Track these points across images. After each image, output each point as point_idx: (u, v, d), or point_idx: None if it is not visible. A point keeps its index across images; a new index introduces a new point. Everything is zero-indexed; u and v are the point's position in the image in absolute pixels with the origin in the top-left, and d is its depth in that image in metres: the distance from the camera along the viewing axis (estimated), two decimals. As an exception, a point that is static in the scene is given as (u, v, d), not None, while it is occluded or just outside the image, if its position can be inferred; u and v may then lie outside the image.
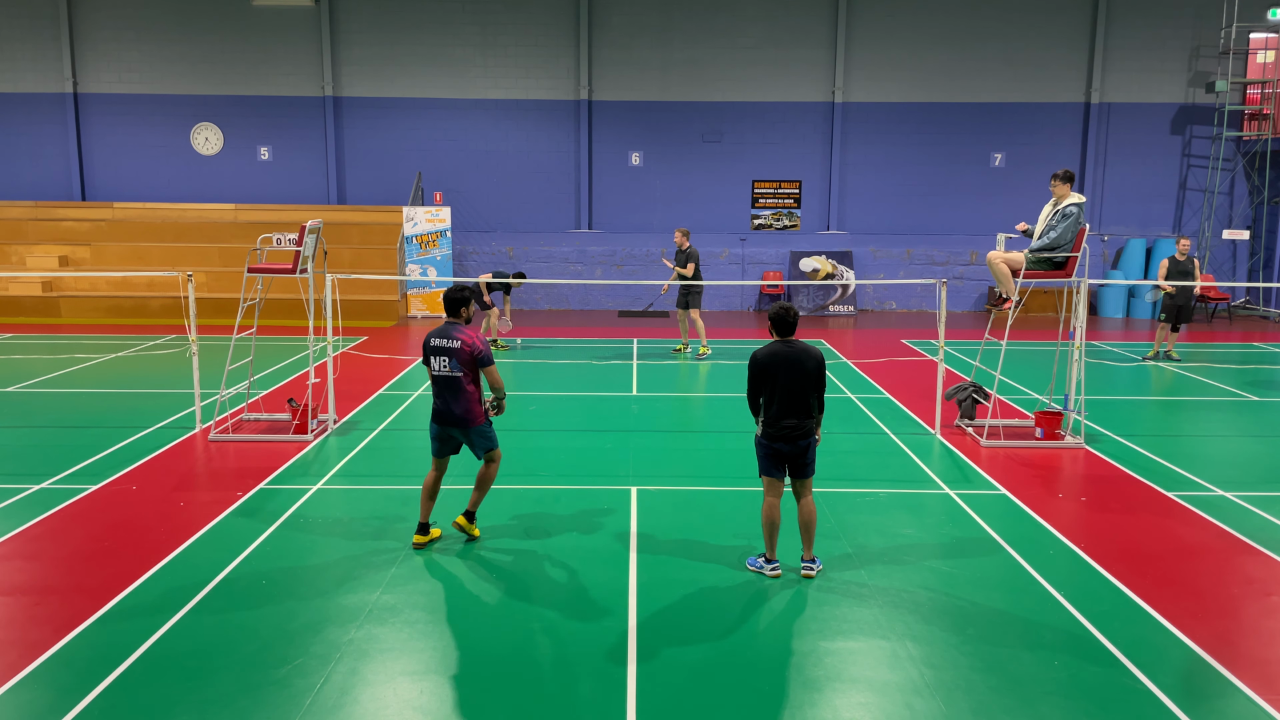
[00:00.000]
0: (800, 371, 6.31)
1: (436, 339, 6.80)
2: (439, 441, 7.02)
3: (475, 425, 6.87)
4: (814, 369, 6.34)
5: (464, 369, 6.74)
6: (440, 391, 6.83)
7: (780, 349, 6.38)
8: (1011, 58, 21.57)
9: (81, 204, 21.55)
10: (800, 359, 6.33)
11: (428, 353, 6.81)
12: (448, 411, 6.85)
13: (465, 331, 6.78)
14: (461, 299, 6.90)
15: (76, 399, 11.90)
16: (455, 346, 6.72)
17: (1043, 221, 9.97)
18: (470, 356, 6.73)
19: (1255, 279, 21.90)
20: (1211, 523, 7.68)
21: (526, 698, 4.99)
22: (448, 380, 6.78)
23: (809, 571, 6.48)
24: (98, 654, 5.36)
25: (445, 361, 6.73)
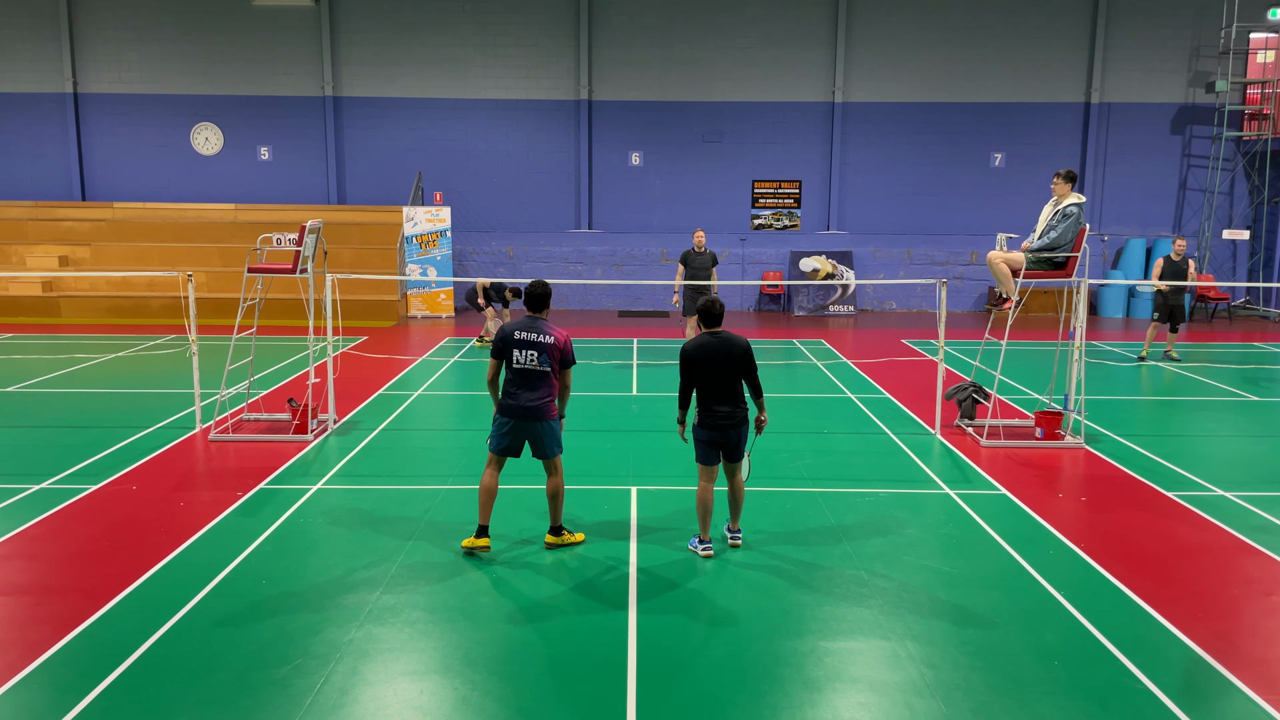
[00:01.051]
0: (727, 359, 6.70)
1: (524, 332, 6.72)
2: (505, 438, 6.83)
3: (550, 419, 6.80)
4: (740, 355, 6.74)
5: (552, 364, 6.72)
6: (520, 385, 6.73)
7: (708, 340, 6.75)
8: (1011, 58, 21.57)
9: (81, 204, 21.55)
10: (727, 348, 6.72)
11: (510, 346, 6.71)
12: (525, 405, 6.73)
13: (555, 329, 6.76)
14: (548, 293, 6.92)
15: (76, 399, 11.90)
16: (549, 342, 6.68)
17: (1043, 221, 9.96)
18: (562, 354, 6.76)
19: (1255, 279, 21.90)
20: (1211, 523, 7.68)
21: (526, 698, 4.99)
22: (533, 374, 6.71)
23: (735, 541, 7.01)
24: (98, 654, 5.36)
25: (534, 355, 6.66)
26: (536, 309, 6.86)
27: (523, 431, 6.79)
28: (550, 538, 7.01)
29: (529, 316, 6.85)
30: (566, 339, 6.78)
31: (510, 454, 6.87)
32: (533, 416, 6.73)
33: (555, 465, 6.90)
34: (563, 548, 6.99)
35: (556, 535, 7.02)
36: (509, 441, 6.83)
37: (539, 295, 6.87)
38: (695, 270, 14.33)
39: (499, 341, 6.75)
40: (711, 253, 14.46)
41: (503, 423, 6.81)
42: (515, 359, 6.69)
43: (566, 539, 7.03)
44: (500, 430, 6.82)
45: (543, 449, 6.86)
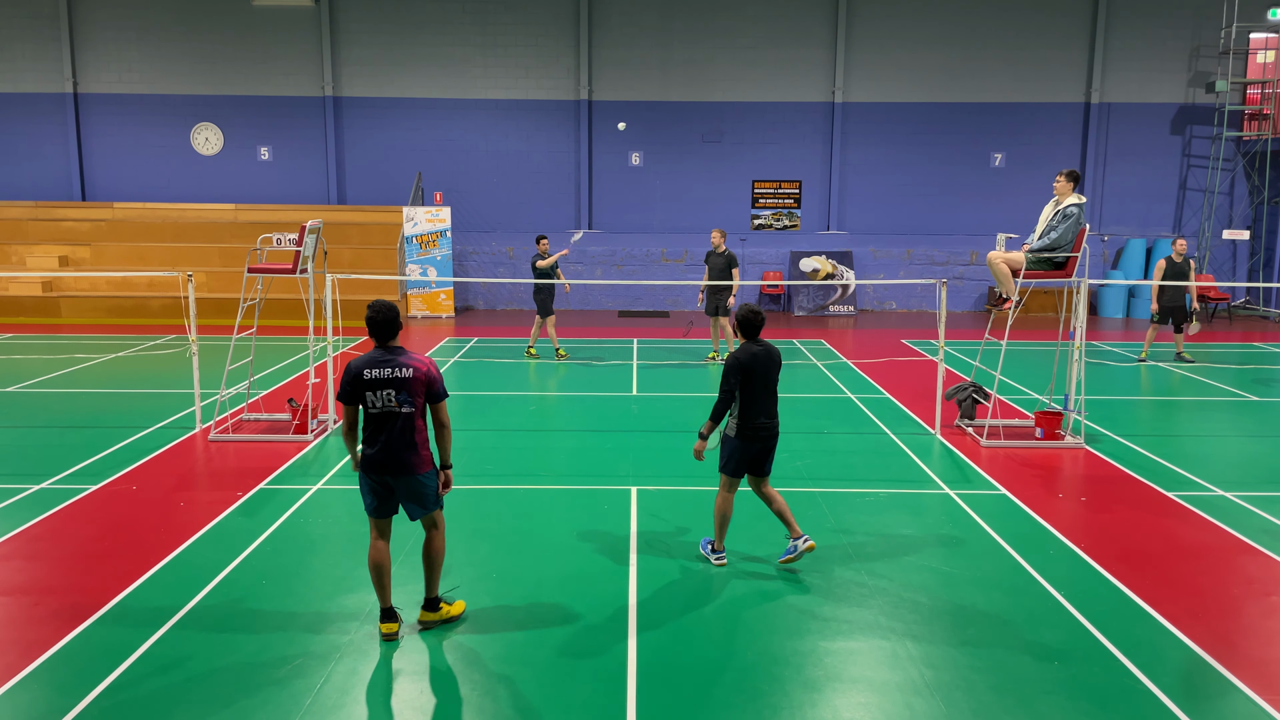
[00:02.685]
0: (774, 370, 6.66)
1: (376, 369, 5.47)
2: (376, 496, 5.59)
3: (422, 471, 5.57)
4: (779, 367, 6.73)
5: (416, 402, 5.52)
6: (378, 432, 5.50)
7: (758, 350, 6.62)
8: (1011, 58, 21.57)
9: (81, 204, 21.55)
10: (774, 358, 6.68)
11: (360, 387, 5.47)
12: (388, 457, 5.49)
13: (415, 358, 5.56)
14: (395, 318, 5.60)
15: (76, 399, 11.90)
16: (407, 375, 5.47)
17: (1043, 221, 9.96)
18: (428, 386, 5.55)
19: (1255, 279, 21.90)
20: (1211, 523, 7.68)
21: (527, 698, 4.99)
22: (393, 418, 5.48)
23: (809, 544, 6.61)
24: (98, 654, 5.36)
25: (391, 394, 5.46)
26: (384, 338, 5.58)
27: (388, 488, 5.58)
28: (424, 614, 5.76)
29: (379, 348, 5.58)
30: (430, 367, 5.58)
31: (391, 513, 5.67)
32: (400, 470, 5.52)
33: (435, 521, 5.74)
34: (441, 625, 5.76)
35: (432, 610, 5.76)
36: (379, 501, 5.61)
37: (383, 322, 5.55)
38: (711, 271, 14.25)
39: (346, 383, 5.51)
40: (728, 253, 14.21)
41: (368, 482, 5.57)
42: (370, 403, 5.49)
43: (445, 613, 5.79)
44: (367, 489, 5.60)
45: (411, 510, 5.66)
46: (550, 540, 7.18)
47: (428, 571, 5.77)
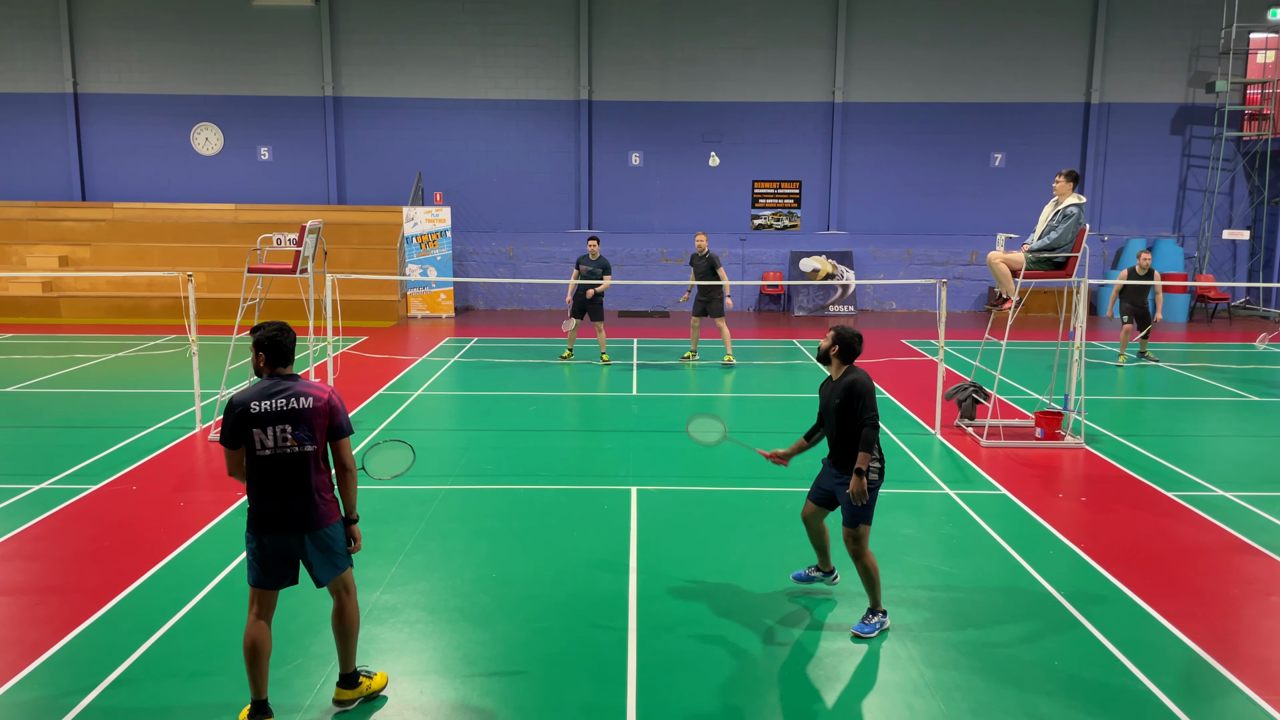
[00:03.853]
0: None
1: (267, 400, 4.53)
2: (264, 566, 4.61)
3: (327, 525, 4.64)
4: None
5: (317, 440, 4.61)
6: (269, 480, 4.55)
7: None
8: (1011, 58, 21.57)
9: (81, 204, 21.55)
10: None
11: (248, 423, 4.53)
12: (285, 510, 4.55)
13: (313, 386, 4.67)
14: (292, 341, 4.71)
15: (76, 399, 11.90)
16: (305, 406, 4.56)
17: (1043, 221, 9.96)
18: (330, 419, 4.65)
19: (1255, 279, 21.90)
20: (1211, 523, 7.68)
21: (527, 698, 4.98)
22: (288, 461, 4.54)
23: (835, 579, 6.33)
24: (98, 654, 5.36)
25: (287, 432, 4.54)
26: (276, 363, 4.65)
27: (287, 550, 4.62)
28: (340, 691, 4.85)
29: (270, 377, 4.66)
30: (332, 395, 4.68)
31: (281, 585, 4.69)
32: (298, 526, 4.58)
33: (346, 584, 4.79)
34: (362, 702, 4.89)
35: (349, 686, 4.86)
36: (271, 569, 4.63)
37: (277, 343, 4.64)
38: (698, 274, 14.36)
39: (228, 422, 4.59)
40: (710, 255, 14.30)
41: (260, 545, 4.60)
42: (259, 443, 4.55)
43: (365, 688, 4.90)
44: (256, 556, 4.61)
45: (318, 573, 4.68)
46: (550, 540, 7.18)
47: (341, 643, 4.81)
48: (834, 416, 5.66)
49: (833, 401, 5.64)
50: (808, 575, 6.30)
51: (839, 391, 5.62)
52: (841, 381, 5.66)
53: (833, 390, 5.68)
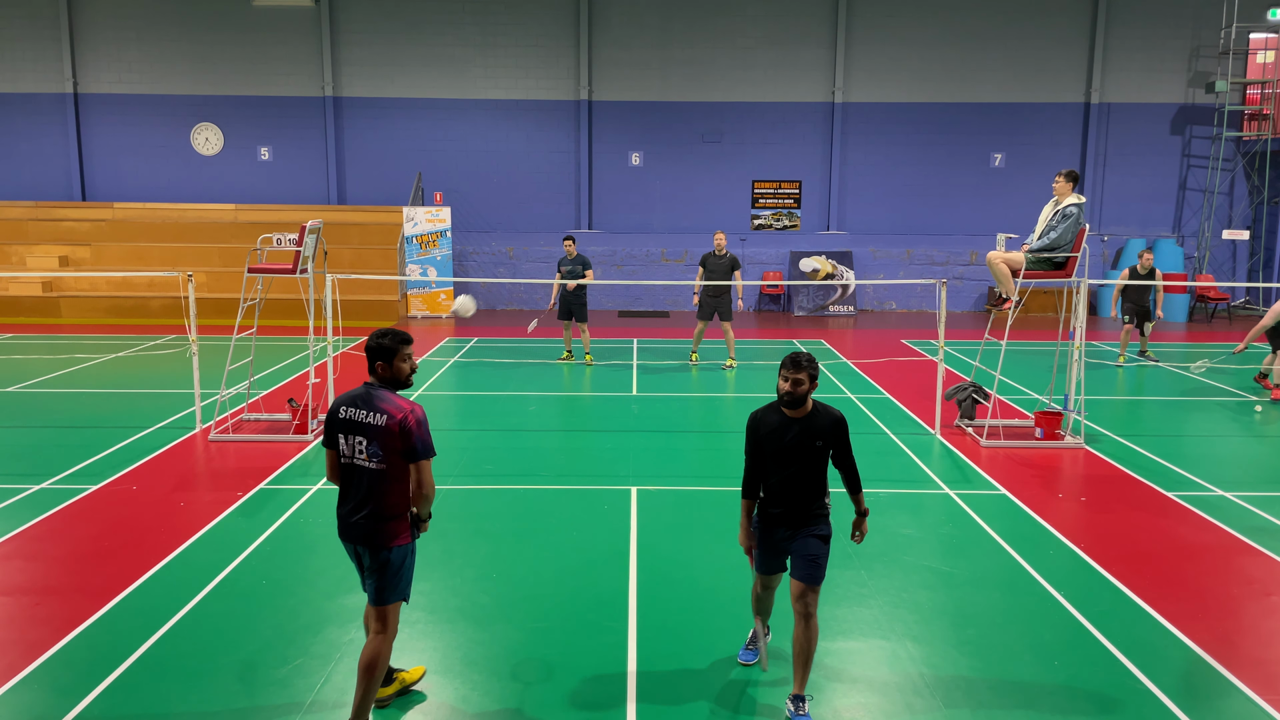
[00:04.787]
0: None
1: (351, 408, 4.48)
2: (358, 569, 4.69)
3: (391, 545, 4.49)
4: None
5: (388, 459, 4.43)
6: (345, 486, 4.55)
7: None
8: (1011, 58, 21.57)
9: (81, 204, 21.55)
10: None
11: (334, 427, 4.52)
12: (353, 520, 4.51)
13: (395, 399, 4.48)
14: (383, 346, 4.53)
15: (76, 399, 11.90)
16: (379, 423, 4.41)
17: (1043, 221, 9.96)
18: (403, 439, 4.41)
19: (1255, 279, 21.90)
20: (1211, 523, 7.68)
21: (527, 698, 4.99)
22: (361, 473, 4.47)
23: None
24: (98, 654, 5.36)
25: (362, 444, 4.44)
26: (382, 370, 4.56)
27: (356, 557, 4.64)
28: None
29: (365, 383, 4.59)
30: (409, 415, 4.41)
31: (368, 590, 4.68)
32: (361, 538, 4.52)
33: (385, 618, 4.55)
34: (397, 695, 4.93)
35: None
36: (360, 573, 4.69)
37: (373, 349, 4.54)
38: (712, 273, 13.95)
39: (326, 422, 4.60)
40: (731, 256, 13.95)
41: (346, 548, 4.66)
42: (342, 449, 4.53)
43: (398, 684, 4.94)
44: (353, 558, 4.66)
45: (374, 589, 4.56)
46: (550, 540, 7.18)
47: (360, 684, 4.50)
48: (807, 460, 4.78)
49: (808, 443, 4.77)
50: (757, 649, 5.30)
51: (821, 431, 4.79)
52: (820, 419, 4.80)
53: (806, 430, 4.77)
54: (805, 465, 4.79)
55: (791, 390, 4.71)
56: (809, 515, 4.87)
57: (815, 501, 4.86)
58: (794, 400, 4.74)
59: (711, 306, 14.09)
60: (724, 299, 14.00)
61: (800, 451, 4.79)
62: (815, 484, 4.84)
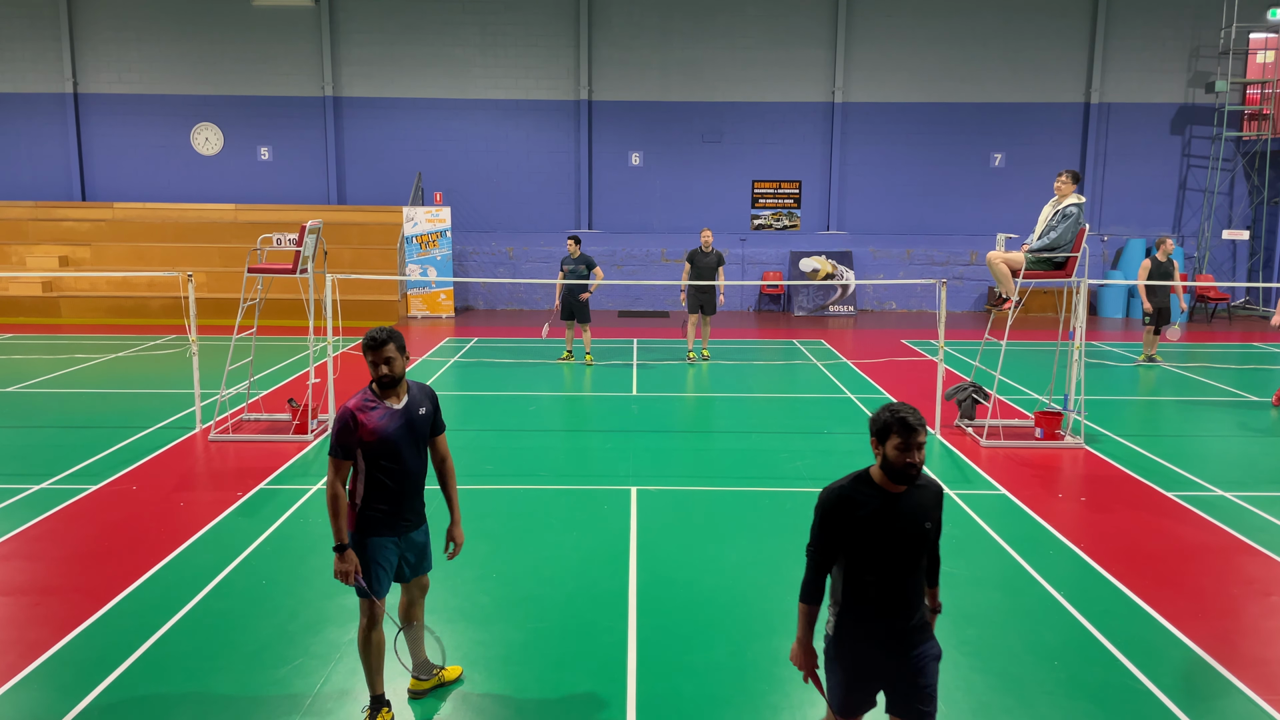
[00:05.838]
0: None
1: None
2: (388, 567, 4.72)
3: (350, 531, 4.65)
4: None
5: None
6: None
7: None
8: (1011, 58, 21.57)
9: (81, 204, 21.55)
10: None
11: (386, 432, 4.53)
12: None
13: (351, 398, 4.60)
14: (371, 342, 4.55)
15: (76, 399, 11.90)
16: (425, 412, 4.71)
17: (1043, 221, 9.97)
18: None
19: (1255, 279, 21.90)
20: (1211, 523, 7.68)
21: (526, 698, 4.99)
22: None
23: None
24: (98, 654, 5.36)
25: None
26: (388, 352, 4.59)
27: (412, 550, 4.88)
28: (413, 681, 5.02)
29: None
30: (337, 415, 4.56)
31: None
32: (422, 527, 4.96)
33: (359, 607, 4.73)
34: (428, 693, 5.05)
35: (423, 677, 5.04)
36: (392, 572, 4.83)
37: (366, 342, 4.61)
38: (700, 270, 14.40)
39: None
40: (717, 252, 14.49)
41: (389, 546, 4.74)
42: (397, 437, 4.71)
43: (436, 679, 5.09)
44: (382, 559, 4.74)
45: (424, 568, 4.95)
46: (550, 540, 7.18)
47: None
48: (917, 549, 3.67)
49: (918, 527, 3.66)
50: None
51: (928, 508, 3.70)
52: (925, 493, 3.72)
53: (913, 509, 3.65)
54: (914, 556, 3.65)
55: (915, 462, 3.54)
56: (917, 627, 3.70)
57: (921, 607, 3.74)
58: (906, 474, 3.56)
59: (699, 301, 14.48)
60: (710, 294, 14.41)
61: (910, 539, 3.64)
62: (921, 582, 3.74)
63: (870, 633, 3.68)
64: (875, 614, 3.66)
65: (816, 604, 3.78)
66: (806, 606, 3.77)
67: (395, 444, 4.53)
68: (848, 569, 3.66)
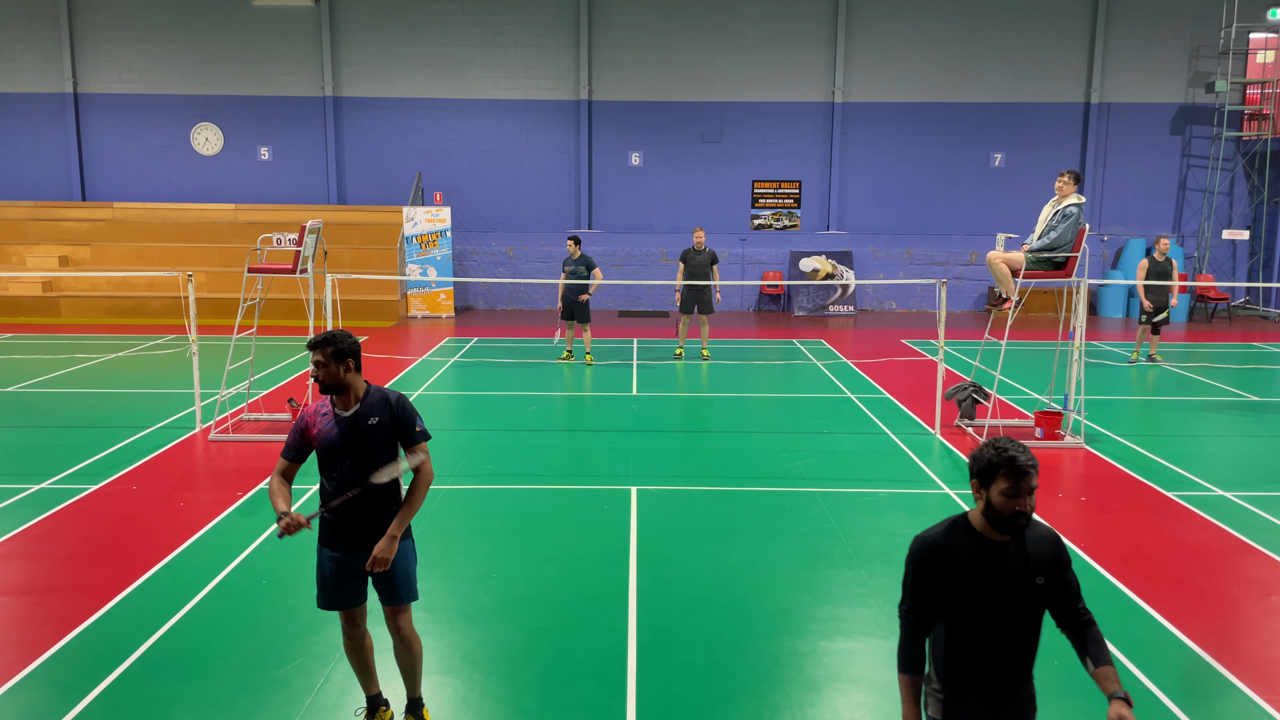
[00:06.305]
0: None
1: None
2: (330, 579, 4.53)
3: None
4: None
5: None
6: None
7: None
8: (1011, 58, 21.57)
9: (81, 204, 21.55)
10: None
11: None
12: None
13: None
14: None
15: (76, 399, 11.90)
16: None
17: (1043, 221, 9.97)
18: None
19: (1255, 279, 21.90)
20: (1211, 523, 7.68)
21: (526, 698, 4.99)
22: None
23: None
24: (98, 654, 5.36)
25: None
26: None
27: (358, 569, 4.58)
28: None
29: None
30: None
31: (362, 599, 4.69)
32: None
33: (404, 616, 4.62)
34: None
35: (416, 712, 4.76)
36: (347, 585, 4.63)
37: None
38: (693, 269, 14.53)
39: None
40: (710, 251, 14.63)
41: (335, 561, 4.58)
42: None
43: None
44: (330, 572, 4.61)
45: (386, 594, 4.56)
46: (550, 540, 7.18)
47: None
48: (1025, 608, 3.18)
49: (1026, 582, 3.16)
50: None
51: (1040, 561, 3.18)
52: (1037, 543, 3.20)
53: (1020, 561, 3.15)
54: (1022, 617, 3.17)
55: (1025, 510, 3.07)
56: (1024, 698, 3.25)
57: (1029, 675, 3.25)
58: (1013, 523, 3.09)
59: (693, 301, 14.59)
60: (704, 293, 14.53)
61: (1016, 596, 3.14)
62: (1032, 646, 3.25)
63: (973, 707, 3.18)
64: (980, 680, 3.16)
65: (919, 673, 3.24)
66: (908, 678, 3.22)
67: (332, 453, 4.42)
68: (948, 633, 3.17)
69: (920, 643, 3.22)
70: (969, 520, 3.18)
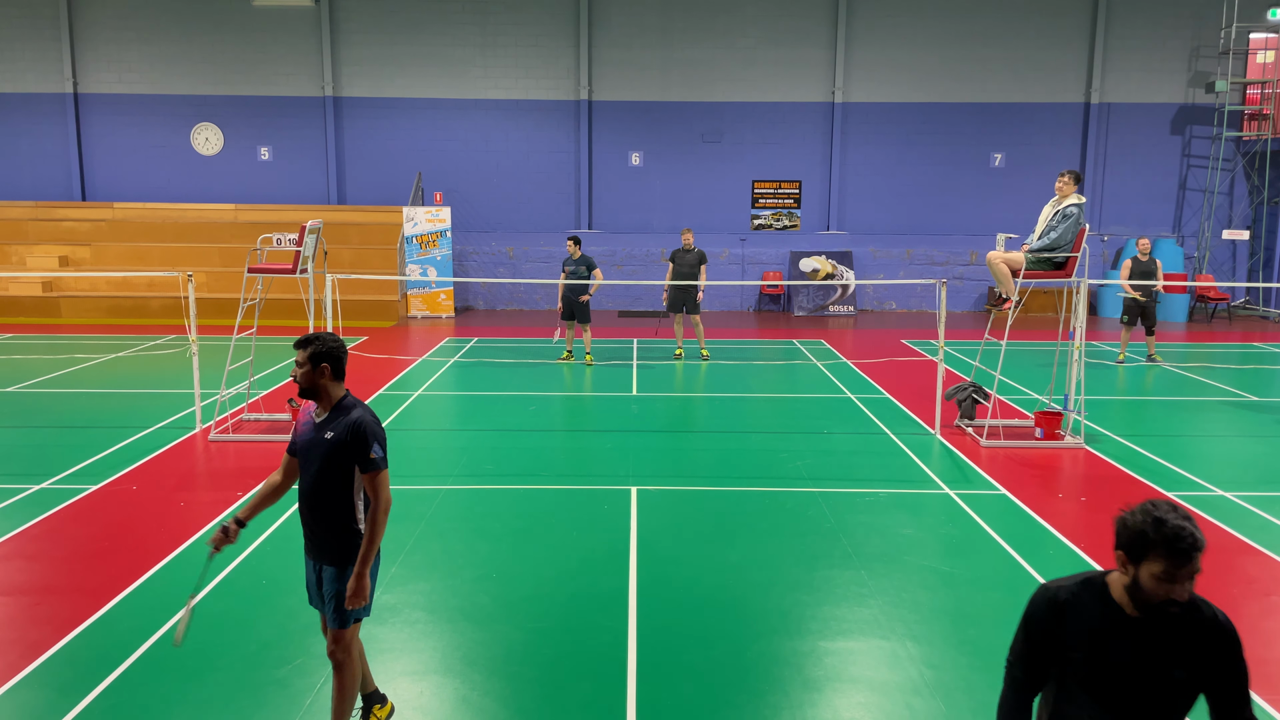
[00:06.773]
0: None
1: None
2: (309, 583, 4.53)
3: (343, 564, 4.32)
4: None
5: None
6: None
7: None
8: (1011, 58, 21.57)
9: (81, 204, 21.55)
10: None
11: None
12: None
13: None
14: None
15: (76, 399, 11.90)
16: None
17: (1043, 221, 9.97)
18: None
19: (1255, 279, 21.90)
20: (1211, 523, 7.68)
21: (526, 698, 4.99)
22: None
23: None
24: (98, 654, 5.36)
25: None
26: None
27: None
28: None
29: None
30: None
31: None
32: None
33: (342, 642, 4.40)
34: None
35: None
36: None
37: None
38: (681, 269, 14.68)
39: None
40: (699, 251, 14.74)
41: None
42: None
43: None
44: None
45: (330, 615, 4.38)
46: (550, 540, 7.18)
47: None
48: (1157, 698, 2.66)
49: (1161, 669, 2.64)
50: None
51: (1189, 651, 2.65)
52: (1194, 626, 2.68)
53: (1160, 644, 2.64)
54: (1151, 709, 2.62)
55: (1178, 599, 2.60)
56: None
57: None
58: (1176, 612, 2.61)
59: (680, 301, 14.72)
60: (690, 293, 14.66)
61: (1147, 684, 2.62)
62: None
63: None
64: None
65: None
66: None
67: (297, 455, 4.42)
68: (1057, 701, 2.67)
69: (1023, 702, 2.78)
70: (1107, 584, 2.67)
